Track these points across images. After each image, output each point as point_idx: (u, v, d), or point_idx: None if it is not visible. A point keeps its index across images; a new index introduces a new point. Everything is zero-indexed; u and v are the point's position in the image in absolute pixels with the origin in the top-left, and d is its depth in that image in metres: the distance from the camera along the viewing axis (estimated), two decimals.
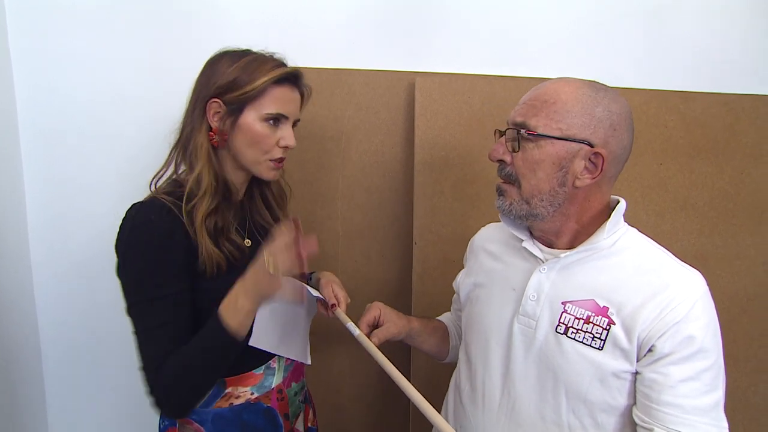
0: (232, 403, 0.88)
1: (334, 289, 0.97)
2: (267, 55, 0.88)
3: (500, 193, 0.82)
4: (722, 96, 1.35)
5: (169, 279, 0.79)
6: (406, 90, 1.31)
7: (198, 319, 0.83)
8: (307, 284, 0.98)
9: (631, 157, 1.31)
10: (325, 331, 1.29)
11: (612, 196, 0.83)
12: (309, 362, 1.01)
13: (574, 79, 0.78)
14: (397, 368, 0.81)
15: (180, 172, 0.91)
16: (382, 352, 0.85)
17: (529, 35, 1.33)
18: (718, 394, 0.71)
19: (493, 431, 0.83)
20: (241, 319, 0.77)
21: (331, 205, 1.36)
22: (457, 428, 0.90)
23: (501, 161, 0.81)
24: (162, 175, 0.92)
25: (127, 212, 0.82)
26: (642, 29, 1.35)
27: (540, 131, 0.75)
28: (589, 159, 0.75)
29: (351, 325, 0.91)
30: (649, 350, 0.71)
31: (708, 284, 0.75)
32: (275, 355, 0.93)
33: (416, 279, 1.32)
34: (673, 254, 0.79)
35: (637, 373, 0.73)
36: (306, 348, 1.02)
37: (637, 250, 0.79)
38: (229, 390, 0.88)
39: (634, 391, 0.74)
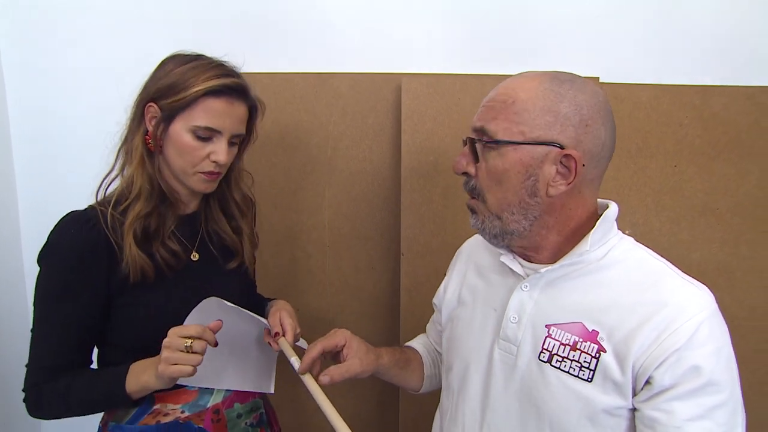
0: (159, 421, 0.82)
1: (281, 317, 0.89)
2: (214, 62, 0.82)
3: (472, 211, 0.74)
4: (746, 89, 1.21)
5: (70, 299, 0.78)
6: (394, 93, 1.24)
7: (134, 333, 0.82)
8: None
9: (642, 159, 1.22)
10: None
11: (601, 200, 0.72)
12: (271, 391, 0.95)
13: (535, 72, 0.69)
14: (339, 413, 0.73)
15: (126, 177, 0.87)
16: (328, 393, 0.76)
17: (526, 28, 1.23)
18: None
19: None
20: (140, 390, 0.78)
21: (318, 215, 1.29)
22: None
23: (466, 174, 0.72)
24: (113, 179, 0.88)
25: (59, 220, 0.81)
26: (649, 17, 1.22)
27: (499, 137, 0.66)
28: (560, 162, 0.65)
29: (294, 360, 0.81)
30: (647, 382, 0.60)
31: (718, 302, 0.63)
32: None
33: (404, 293, 1.23)
34: (680, 268, 0.68)
35: (635, 409, 0.62)
36: (268, 376, 0.95)
37: (632, 264, 0.67)
38: (157, 406, 0.83)
39: (632, 430, 0.63)
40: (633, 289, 0.64)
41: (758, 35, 1.23)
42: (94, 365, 0.87)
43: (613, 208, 0.69)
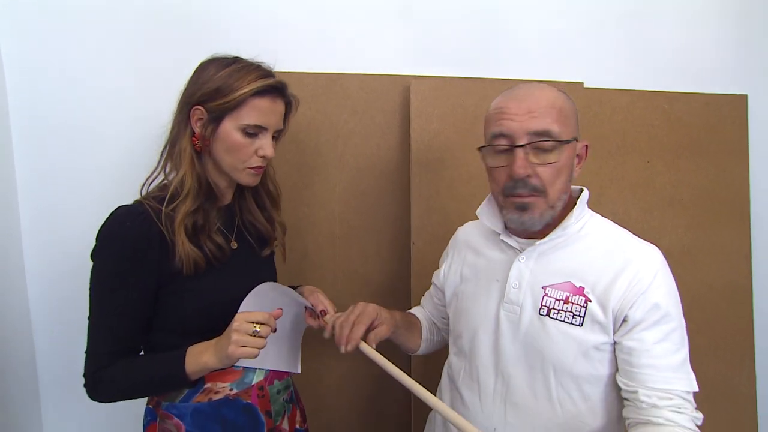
0: (211, 398, 0.89)
1: (320, 298, 1.00)
2: (253, 64, 0.88)
3: (523, 208, 0.82)
4: (703, 96, 1.41)
5: (126, 287, 0.83)
6: (401, 93, 1.33)
7: (184, 320, 0.87)
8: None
9: (620, 155, 1.40)
10: (317, 337, 1.29)
11: (574, 186, 0.89)
12: (299, 371, 1.02)
13: (547, 84, 0.84)
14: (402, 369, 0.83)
15: (168, 174, 0.92)
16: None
17: (522, 39, 1.37)
18: (685, 351, 0.80)
19: (491, 414, 0.87)
20: (199, 370, 0.84)
21: (328, 208, 1.37)
22: None
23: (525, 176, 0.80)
24: (154, 179, 0.93)
25: (109, 215, 0.85)
26: (626, 33, 1.40)
27: (562, 138, 0.80)
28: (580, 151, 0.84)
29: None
30: (624, 320, 0.78)
31: (681, 280, 0.83)
32: None
33: (414, 278, 1.34)
34: (635, 233, 0.87)
35: (615, 343, 0.80)
36: (296, 357, 1.03)
37: (602, 233, 0.86)
38: (208, 385, 0.89)
39: (614, 360, 0.81)
40: (605, 251, 0.83)
41: (714, 51, 1.44)
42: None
43: (586, 192, 0.87)
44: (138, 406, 1.15)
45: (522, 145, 0.79)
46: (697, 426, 0.76)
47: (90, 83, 1.26)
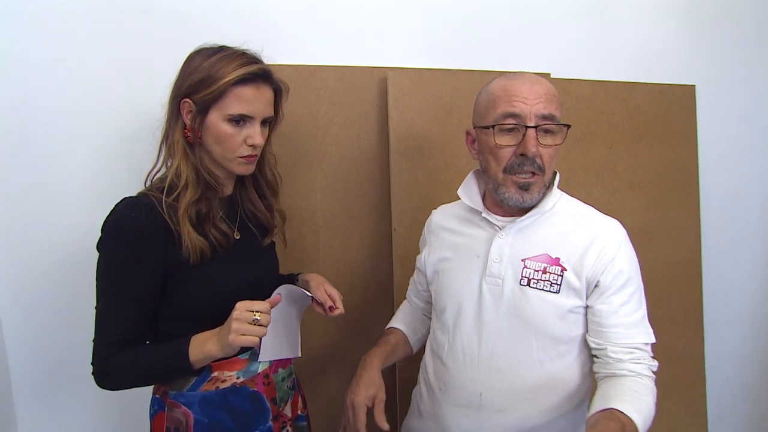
0: (218, 387, 0.91)
1: (327, 290, 1.02)
2: (237, 52, 0.89)
3: (525, 188, 0.89)
4: (657, 86, 1.53)
5: (133, 277, 0.84)
6: (379, 84, 1.37)
7: (191, 309, 0.89)
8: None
9: (584, 142, 1.49)
10: (314, 323, 1.32)
11: None
12: (299, 355, 1.05)
13: (536, 73, 0.93)
14: None
15: (170, 167, 0.93)
16: None
17: (494, 33, 1.44)
18: (644, 309, 0.92)
19: (475, 380, 0.94)
20: (203, 359, 0.86)
21: (310, 198, 1.39)
22: (441, 386, 1.00)
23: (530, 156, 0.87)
24: (157, 171, 0.94)
25: (114, 206, 0.86)
26: (589, 27, 1.50)
27: (563, 122, 0.89)
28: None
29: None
30: (596, 286, 0.89)
31: (642, 257, 0.94)
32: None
33: (396, 262, 1.39)
34: (598, 209, 0.98)
35: (587, 306, 0.90)
36: (296, 342, 1.05)
37: (571, 210, 0.96)
38: (215, 374, 0.91)
39: (585, 322, 0.92)
40: (575, 225, 0.93)
41: (667, 44, 1.55)
42: None
43: (558, 174, 0.95)
44: (127, 407, 1.20)
45: (534, 126, 0.86)
46: (653, 372, 0.88)
47: (67, 79, 1.21)
